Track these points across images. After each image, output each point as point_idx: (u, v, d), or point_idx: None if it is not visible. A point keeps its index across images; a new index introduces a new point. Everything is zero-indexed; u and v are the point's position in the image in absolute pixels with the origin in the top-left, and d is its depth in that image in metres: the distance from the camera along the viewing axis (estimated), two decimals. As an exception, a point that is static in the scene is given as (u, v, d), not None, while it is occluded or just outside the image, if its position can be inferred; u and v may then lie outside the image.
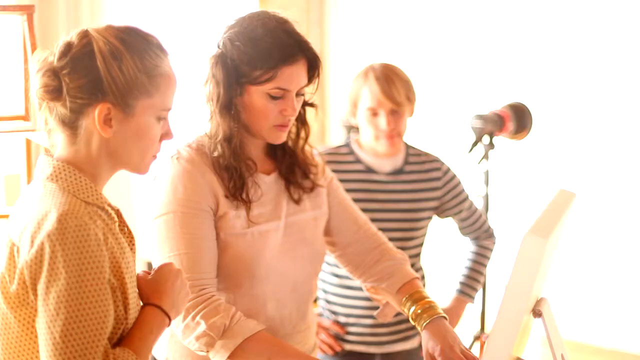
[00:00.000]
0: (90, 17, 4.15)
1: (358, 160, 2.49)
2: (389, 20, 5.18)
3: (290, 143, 1.90)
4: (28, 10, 2.76)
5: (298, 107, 1.79)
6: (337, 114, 5.13)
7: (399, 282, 1.95)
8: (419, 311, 1.85)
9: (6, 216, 3.15)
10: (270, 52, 1.71)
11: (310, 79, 1.80)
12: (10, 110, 3.02)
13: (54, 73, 1.37)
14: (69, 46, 1.38)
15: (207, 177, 1.77)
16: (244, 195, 1.79)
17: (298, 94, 1.78)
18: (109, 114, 1.38)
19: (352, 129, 2.62)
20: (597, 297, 4.53)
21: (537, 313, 1.44)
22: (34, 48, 2.74)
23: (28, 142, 2.98)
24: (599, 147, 4.47)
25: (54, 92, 1.37)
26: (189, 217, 1.73)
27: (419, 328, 1.85)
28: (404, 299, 1.91)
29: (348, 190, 2.44)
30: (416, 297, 1.89)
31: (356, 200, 2.45)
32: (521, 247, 1.24)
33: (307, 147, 1.94)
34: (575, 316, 4.55)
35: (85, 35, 1.39)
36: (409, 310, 1.89)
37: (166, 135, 1.47)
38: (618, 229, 4.43)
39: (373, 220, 2.45)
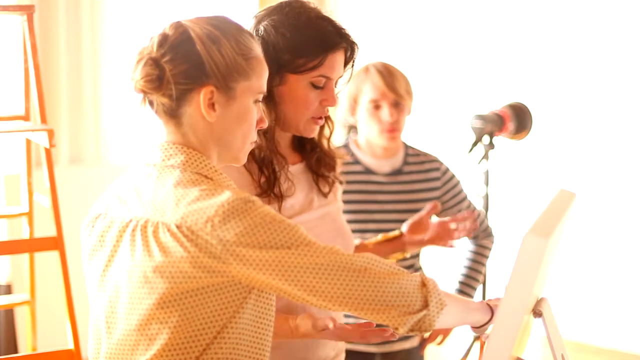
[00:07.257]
0: (90, 17, 4.15)
1: (357, 161, 2.49)
2: (389, 20, 5.18)
3: (317, 137, 1.86)
4: (28, 10, 2.75)
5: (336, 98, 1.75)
6: (337, 114, 5.12)
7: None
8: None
9: (6, 216, 3.14)
10: (316, 40, 1.69)
11: (344, 67, 1.76)
12: (10, 110, 3.01)
13: (155, 62, 1.39)
14: (165, 36, 1.41)
15: (241, 170, 1.72)
16: (276, 190, 1.74)
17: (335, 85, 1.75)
18: (212, 97, 1.40)
19: (352, 129, 2.62)
20: (597, 297, 4.53)
21: (537, 313, 1.44)
22: (34, 48, 2.73)
23: (28, 142, 2.98)
24: (599, 147, 4.47)
25: (155, 81, 1.39)
26: None
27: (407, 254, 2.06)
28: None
29: (347, 192, 2.43)
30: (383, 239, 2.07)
31: (355, 201, 2.45)
32: (521, 247, 1.23)
33: (331, 141, 1.90)
34: (575, 316, 4.55)
35: (179, 25, 1.43)
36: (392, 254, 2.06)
37: (261, 121, 1.49)
38: (618, 229, 4.43)
39: (372, 221, 2.45)
